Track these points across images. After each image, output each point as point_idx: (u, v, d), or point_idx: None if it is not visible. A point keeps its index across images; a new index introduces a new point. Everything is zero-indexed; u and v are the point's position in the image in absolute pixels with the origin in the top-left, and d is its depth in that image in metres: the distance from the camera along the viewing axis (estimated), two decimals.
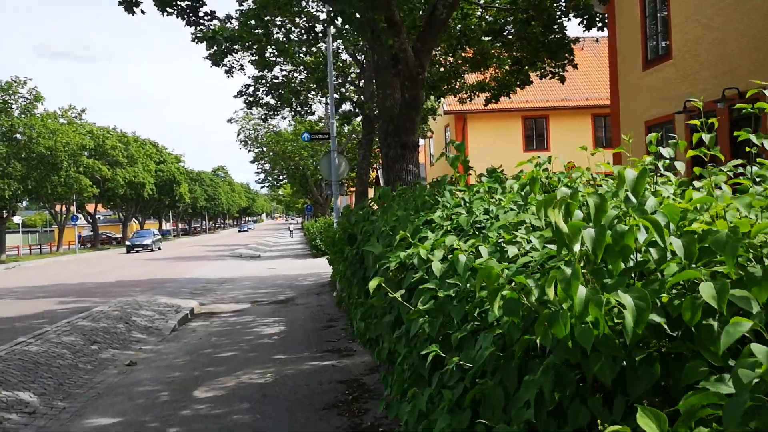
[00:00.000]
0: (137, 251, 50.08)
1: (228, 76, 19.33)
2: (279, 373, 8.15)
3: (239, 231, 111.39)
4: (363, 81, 21.12)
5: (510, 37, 13.11)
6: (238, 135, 47.58)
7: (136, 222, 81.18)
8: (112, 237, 75.04)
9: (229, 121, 47.93)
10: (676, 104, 16.23)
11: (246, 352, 9.64)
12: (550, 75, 14.29)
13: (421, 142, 39.31)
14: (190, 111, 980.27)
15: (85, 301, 16.83)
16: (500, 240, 3.26)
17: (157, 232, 58.82)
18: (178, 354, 9.88)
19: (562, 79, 14.44)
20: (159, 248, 53.04)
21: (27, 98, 47.81)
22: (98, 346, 10.23)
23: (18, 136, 48.22)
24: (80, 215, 60.85)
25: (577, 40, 13.76)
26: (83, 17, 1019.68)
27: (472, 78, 20.89)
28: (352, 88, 21.59)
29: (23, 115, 47.52)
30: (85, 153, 54.90)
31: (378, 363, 6.77)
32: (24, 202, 67.92)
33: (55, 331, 10.80)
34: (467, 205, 3.92)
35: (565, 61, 14.03)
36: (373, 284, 3.14)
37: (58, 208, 57.55)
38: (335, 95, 19.44)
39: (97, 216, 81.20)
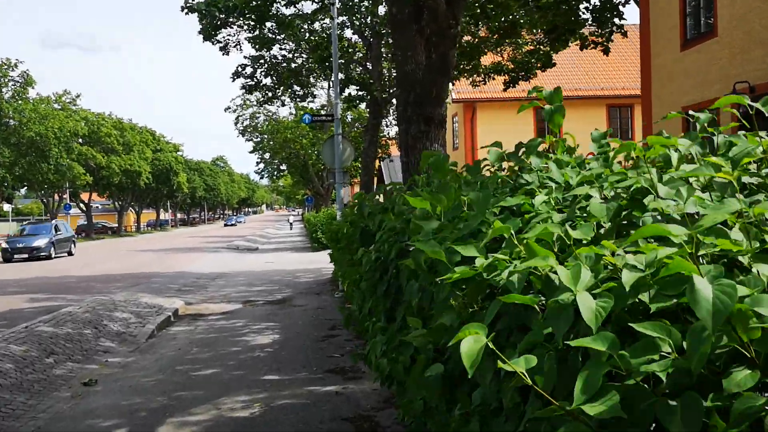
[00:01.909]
0: (23, 259, 30.55)
1: (223, 54, 17.60)
2: (269, 403, 6.46)
3: (225, 225, 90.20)
4: (370, 61, 19.38)
5: (544, 1, 11.29)
6: (236, 123, 45.76)
7: (133, 212, 79.48)
8: (108, 226, 73.41)
9: (227, 109, 46.27)
10: (721, 87, 14.48)
11: (231, 370, 7.95)
12: (592, 45, 12.49)
13: None
14: (193, 101, 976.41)
15: (59, 298, 15.16)
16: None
17: (66, 226, 36.00)
18: (149, 370, 8.20)
19: (606, 51, 12.65)
20: (69, 253, 33.29)
21: (18, 81, 46.09)
22: (54, 359, 8.54)
23: (11, 121, 46.52)
24: (73, 204, 59.05)
25: (628, 1, 11.94)
26: (87, 7, 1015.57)
27: (486, 60, 19.20)
28: (359, 68, 19.82)
29: (13, 99, 45.80)
30: (79, 140, 53.21)
31: (394, 394, 5.16)
32: (22, 190, 66.45)
33: (6, 338, 9.11)
34: (597, 183, 2.22)
35: (613, 28, 12.18)
36: (472, 352, 1.46)
37: (56, 196, 55.84)
38: (340, 75, 17.68)
39: (95, 205, 79.58)
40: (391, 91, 18.85)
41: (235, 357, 8.69)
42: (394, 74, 22.21)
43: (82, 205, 62.35)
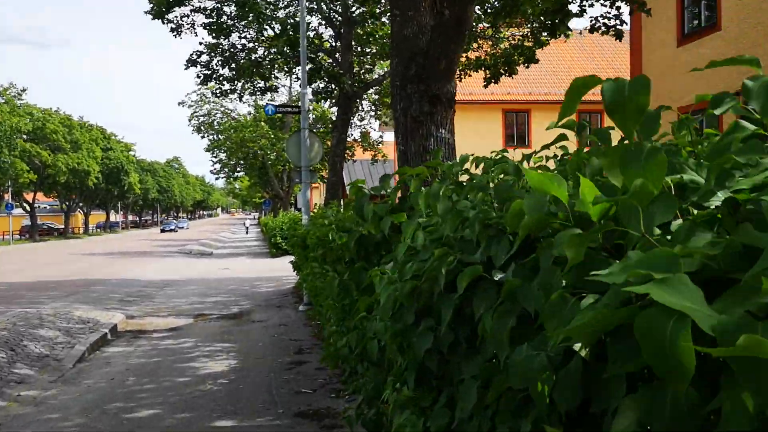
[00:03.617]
0: None
1: (175, 35, 15.81)
2: None
3: (162, 230, 76.73)
4: (340, 52, 17.81)
5: None
6: (191, 120, 43.55)
7: (81, 213, 76.21)
8: (53, 228, 70.18)
9: (180, 104, 44.11)
10: (724, 85, 13.35)
11: (174, 412, 6.28)
12: (604, 28, 11.10)
13: (388, 136, 36.09)
14: (147, 99, 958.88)
15: None
16: None
17: None
18: (70, 410, 6.48)
19: (619, 35, 11.27)
20: None
21: None
22: None
23: None
24: (16, 204, 55.90)
25: None
26: (36, 1, 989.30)
27: (462, 58, 17.81)
28: (328, 59, 18.17)
29: None
30: (23, 136, 50.38)
31: None
32: None
33: None
34: None
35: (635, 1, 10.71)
36: None
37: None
38: (308, 65, 16.05)
39: (42, 206, 76.00)
40: (365, 82, 17.38)
41: (181, 391, 7.02)
42: (364, 69, 20.74)
43: (26, 204, 59.22)
